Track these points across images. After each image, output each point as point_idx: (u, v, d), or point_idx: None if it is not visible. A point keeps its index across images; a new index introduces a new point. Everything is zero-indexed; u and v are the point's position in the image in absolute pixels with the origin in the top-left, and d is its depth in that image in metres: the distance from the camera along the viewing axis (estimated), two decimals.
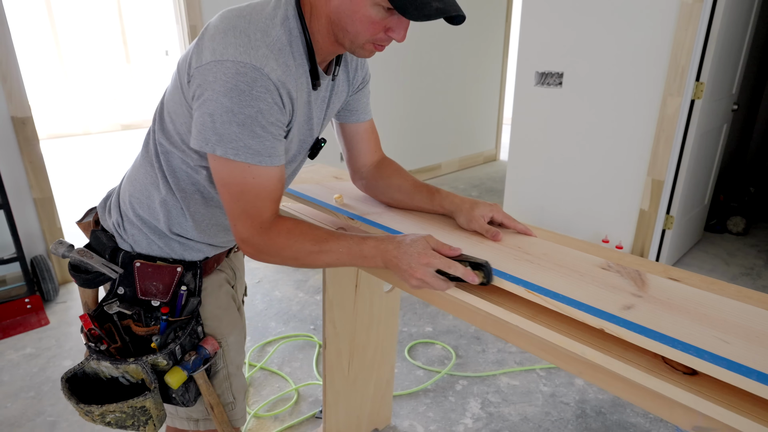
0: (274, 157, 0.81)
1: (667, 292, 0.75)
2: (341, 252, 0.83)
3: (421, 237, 0.81)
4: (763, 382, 0.56)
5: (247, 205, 0.82)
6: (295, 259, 0.85)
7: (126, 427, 0.91)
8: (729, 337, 0.64)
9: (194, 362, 0.93)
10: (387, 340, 1.63)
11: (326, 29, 0.85)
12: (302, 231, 0.84)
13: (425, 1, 0.75)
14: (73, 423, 1.80)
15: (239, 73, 0.75)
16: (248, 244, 0.84)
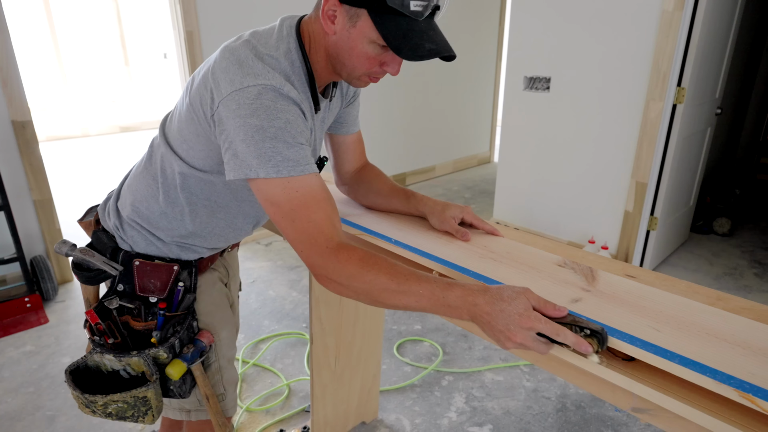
0: (310, 164, 0.82)
1: (613, 287, 0.82)
2: (422, 295, 0.74)
3: (520, 293, 0.70)
4: (686, 365, 0.63)
5: (303, 224, 0.79)
6: (368, 294, 0.78)
7: (126, 417, 0.98)
8: (661, 326, 0.71)
9: (192, 354, 1.00)
10: (373, 336, 1.70)
11: (324, 60, 0.91)
12: (377, 263, 0.77)
13: (419, 43, 0.80)
14: (72, 417, 1.87)
15: (261, 93, 0.79)
16: (318, 268, 0.80)
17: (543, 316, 0.69)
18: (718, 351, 0.65)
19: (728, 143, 4.44)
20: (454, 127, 5.16)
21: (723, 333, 0.69)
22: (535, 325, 0.67)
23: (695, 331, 0.70)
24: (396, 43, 0.80)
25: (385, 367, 2.18)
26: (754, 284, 2.91)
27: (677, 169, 2.83)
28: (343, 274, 0.78)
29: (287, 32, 0.89)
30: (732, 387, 0.59)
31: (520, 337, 0.68)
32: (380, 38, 0.81)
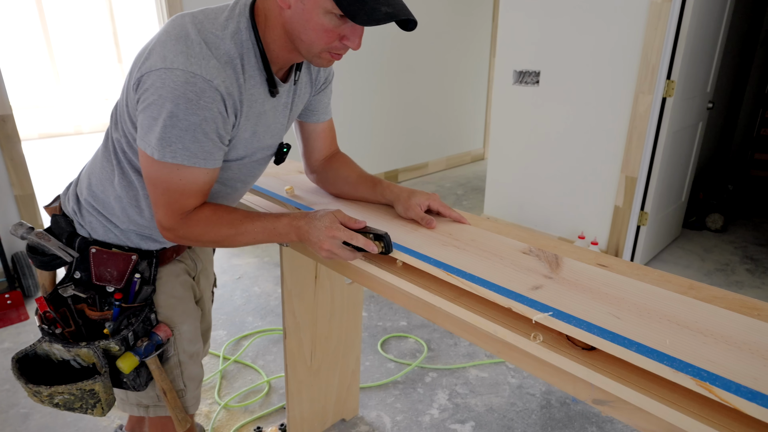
0: (209, 160, 0.86)
1: (577, 274, 0.78)
2: (257, 231, 0.89)
3: (329, 212, 0.88)
4: (643, 353, 0.60)
5: (169, 200, 0.87)
6: (215, 243, 0.92)
7: (74, 409, 0.94)
8: (622, 314, 0.67)
9: (146, 348, 0.96)
10: (351, 331, 1.67)
11: (282, 39, 0.87)
12: (219, 216, 0.90)
13: (374, 6, 0.77)
14: (46, 415, 1.83)
15: (188, 82, 0.78)
16: (168, 230, 0.90)
17: (346, 228, 0.86)
18: (679, 338, 0.62)
19: (722, 138, 4.40)
20: (447, 123, 5.13)
21: (686, 320, 0.66)
22: (337, 234, 0.84)
23: (657, 318, 0.66)
24: (351, 8, 0.77)
25: (368, 363, 2.14)
26: (745, 280, 2.87)
27: (668, 164, 2.79)
28: (192, 233, 0.90)
29: (240, 11, 0.85)
30: (689, 375, 0.56)
31: (327, 244, 0.85)
32: (335, 6, 0.78)
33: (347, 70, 4.01)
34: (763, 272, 2.96)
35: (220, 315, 2.50)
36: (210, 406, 1.89)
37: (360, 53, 4.03)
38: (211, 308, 1.35)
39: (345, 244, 0.86)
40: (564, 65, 2.87)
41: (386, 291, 0.94)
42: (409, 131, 4.73)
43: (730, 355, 0.59)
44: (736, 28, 3.79)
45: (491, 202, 3.53)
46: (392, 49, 4.29)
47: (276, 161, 1.06)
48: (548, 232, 3.21)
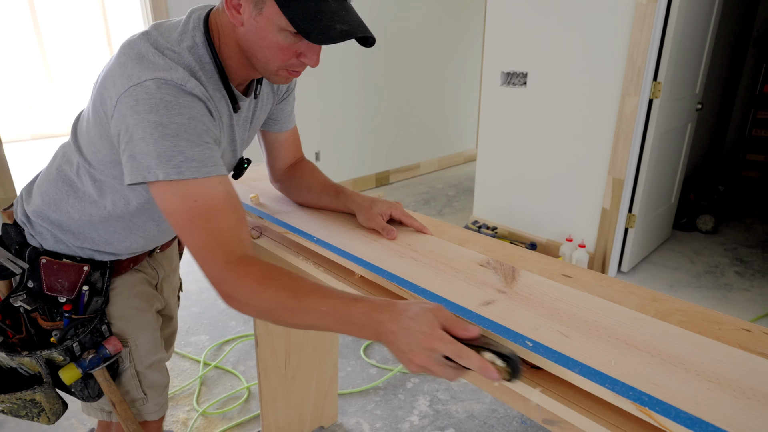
0: (217, 165, 0.76)
1: (531, 289, 0.76)
2: (325, 313, 0.67)
3: (427, 310, 0.63)
4: (586, 375, 0.58)
5: (202, 237, 0.73)
6: (269, 312, 0.71)
7: (20, 416, 0.93)
8: (570, 332, 0.65)
9: (91, 361, 0.94)
10: (327, 338, 1.65)
11: (237, 55, 0.83)
12: (278, 278, 0.71)
13: (329, 24, 0.74)
14: (20, 422, 1.81)
15: (161, 88, 0.72)
16: (217, 284, 0.73)
17: (450, 336, 0.61)
18: (625, 359, 0.60)
19: (714, 140, 4.38)
20: (440, 124, 5.11)
21: (635, 339, 0.64)
22: (439, 347, 0.60)
23: (606, 336, 0.64)
24: (305, 26, 0.73)
25: (350, 369, 2.12)
26: (734, 282, 2.86)
27: (656, 166, 2.77)
28: (241, 290, 0.71)
29: (194, 25, 0.82)
30: (630, 400, 0.54)
31: (421, 358, 0.61)
32: (289, 24, 0.75)
33: (338, 70, 3.98)
34: (752, 275, 2.94)
35: (203, 319, 2.48)
36: (188, 413, 1.87)
37: (352, 53, 4.01)
38: (177, 313, 1.33)
39: (446, 358, 0.62)
40: (551, 67, 2.85)
41: None
42: (400, 132, 4.71)
43: (674, 377, 0.56)
44: (726, 29, 3.77)
45: (480, 204, 3.51)
46: (384, 49, 4.27)
47: (234, 176, 1.03)
48: (537, 235, 3.19)
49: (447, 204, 4.23)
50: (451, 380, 0.63)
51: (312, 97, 3.88)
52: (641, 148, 2.66)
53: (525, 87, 3.00)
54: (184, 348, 2.25)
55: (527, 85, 2.98)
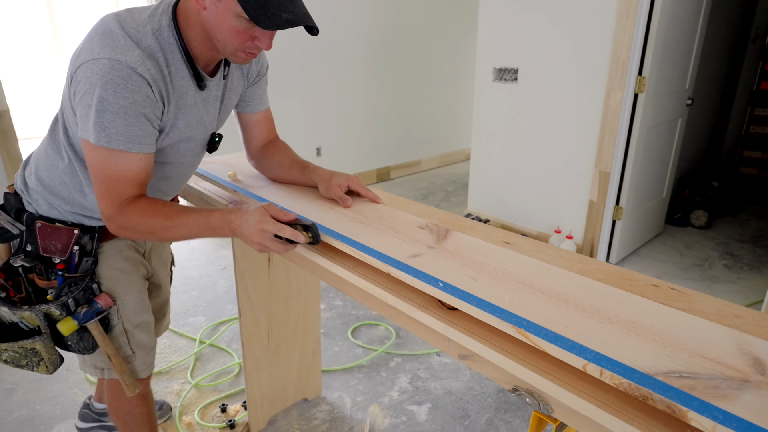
0: (143, 144, 0.92)
1: (457, 245, 0.86)
2: (191, 225, 0.93)
3: (260, 206, 0.91)
4: (481, 307, 0.67)
5: (108, 188, 0.93)
6: (152, 234, 0.96)
7: (21, 366, 1.05)
8: (479, 276, 0.75)
9: (85, 314, 1.06)
10: (309, 313, 1.75)
11: (202, 37, 0.96)
12: (156, 208, 0.95)
13: (275, 12, 0.86)
14: (28, 390, 1.95)
15: (114, 68, 0.86)
16: (109, 219, 0.96)
17: (275, 221, 0.88)
18: (519, 296, 0.69)
19: (712, 137, 4.40)
20: (441, 121, 5.19)
21: (533, 282, 0.73)
22: (266, 227, 0.87)
23: (509, 280, 0.74)
24: (255, 13, 0.85)
25: (337, 349, 2.23)
26: (721, 275, 2.90)
27: (642, 160, 2.83)
28: (129, 223, 0.95)
29: (162, 10, 0.94)
30: (511, 324, 0.63)
31: (257, 237, 0.88)
32: (243, 11, 0.86)
33: (340, 66, 4.10)
34: (740, 268, 2.98)
35: (201, 302, 2.61)
36: (182, 385, 1.99)
37: (353, 49, 4.13)
38: (168, 285, 1.45)
39: (277, 237, 0.89)
40: (540, 62, 2.93)
41: (304, 264, 1.03)
42: (401, 128, 4.81)
43: (555, 308, 0.66)
44: (724, 26, 3.80)
45: (474, 198, 3.59)
46: (386, 45, 4.38)
47: (209, 150, 1.14)
48: (528, 227, 3.26)
49: (445, 199, 4.32)
50: (282, 252, 0.91)
51: (313, 93, 4.00)
52: (627, 141, 2.72)
53: (516, 83, 3.08)
54: (182, 327, 2.38)
55: (518, 80, 3.07)
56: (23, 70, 7.28)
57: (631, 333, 0.60)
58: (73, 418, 1.79)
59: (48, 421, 1.79)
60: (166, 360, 2.14)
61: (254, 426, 1.72)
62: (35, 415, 1.82)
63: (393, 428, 1.77)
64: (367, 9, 4.14)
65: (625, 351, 0.56)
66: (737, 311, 0.74)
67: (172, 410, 1.84)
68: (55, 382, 1.99)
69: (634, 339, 0.59)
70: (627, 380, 0.53)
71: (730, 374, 0.53)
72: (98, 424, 1.68)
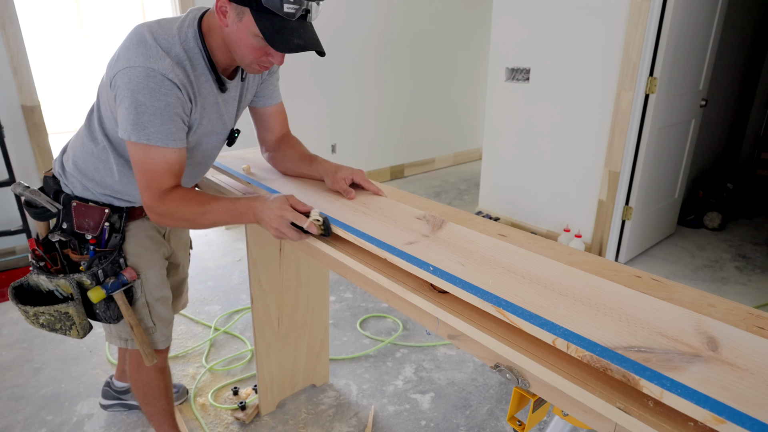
0: (177, 140, 1.03)
1: (451, 235, 0.92)
2: (221, 211, 1.03)
3: (281, 195, 0.99)
4: (465, 288, 0.74)
5: (149, 180, 1.03)
6: (187, 220, 1.05)
7: (56, 329, 1.17)
8: (467, 262, 0.81)
9: (113, 284, 1.17)
10: (318, 302, 1.83)
11: (223, 48, 1.07)
12: (191, 197, 1.05)
13: (288, 38, 0.97)
14: (55, 369, 2.07)
15: (149, 76, 0.97)
16: (150, 210, 1.06)
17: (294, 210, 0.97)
18: (501, 280, 0.75)
19: (730, 138, 4.36)
20: (455, 120, 5.23)
21: (516, 267, 0.79)
22: (285, 214, 0.96)
23: (495, 266, 0.80)
24: (270, 37, 0.96)
25: (345, 339, 2.30)
26: (731, 276, 2.89)
27: (654, 160, 2.84)
28: (168, 210, 1.04)
29: (189, 23, 1.05)
30: (491, 304, 0.69)
31: (275, 223, 0.96)
32: (260, 33, 0.97)
33: (356, 65, 4.18)
34: (752, 270, 2.97)
35: (217, 292, 2.72)
36: (197, 369, 2.09)
37: (369, 48, 4.20)
38: (186, 265, 1.55)
39: (293, 226, 0.97)
40: (552, 62, 2.95)
41: (311, 251, 1.10)
42: (416, 127, 4.87)
43: (534, 291, 0.72)
44: (742, 28, 3.76)
45: (486, 196, 3.63)
46: (401, 44, 4.44)
47: (228, 144, 1.25)
48: (537, 225, 3.29)
49: (457, 197, 4.36)
50: (296, 240, 0.98)
51: (330, 91, 4.08)
52: (638, 142, 2.74)
53: (528, 82, 3.11)
54: (198, 315, 2.49)
55: (530, 80, 3.10)
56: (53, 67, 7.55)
57: (599, 313, 0.66)
58: (96, 396, 1.90)
59: (72, 398, 1.90)
60: (182, 345, 2.25)
61: (264, 408, 1.80)
62: (61, 392, 1.94)
63: (397, 415, 1.83)
64: (382, 9, 4.20)
65: (591, 328, 0.62)
66: (713, 301, 0.78)
67: (188, 393, 1.94)
68: (80, 363, 2.11)
69: (602, 319, 0.64)
70: (589, 353, 0.58)
71: (683, 350, 0.58)
72: (118, 402, 1.79)
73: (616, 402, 0.57)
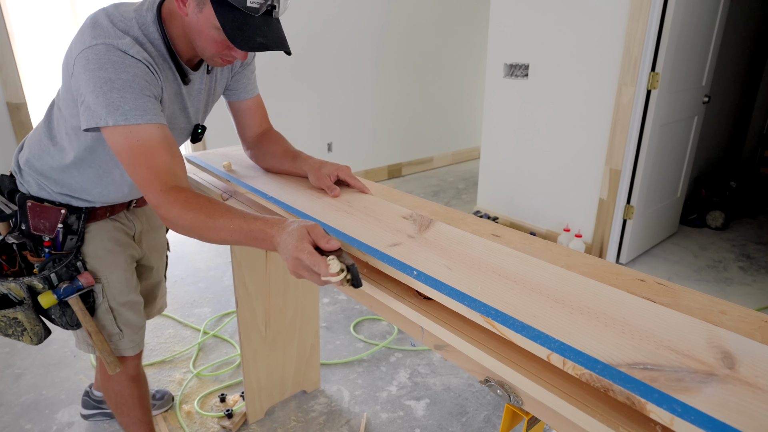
0: (157, 115, 0.90)
1: (438, 236, 0.85)
2: (233, 230, 0.83)
3: (302, 226, 0.77)
4: (451, 296, 0.67)
5: (142, 170, 0.88)
6: (192, 230, 0.86)
7: (9, 335, 1.12)
8: (455, 266, 0.74)
9: (65, 289, 1.10)
10: (307, 305, 1.76)
11: (184, 37, 0.99)
12: (199, 204, 0.86)
13: (250, 35, 0.89)
14: (37, 375, 2.00)
15: (109, 50, 0.88)
16: (157, 209, 0.88)
17: (313, 248, 0.74)
18: (491, 286, 0.68)
19: (733, 136, 4.28)
20: (454, 118, 5.16)
21: (507, 271, 0.72)
22: (302, 256, 0.73)
23: (484, 270, 0.73)
24: (231, 33, 0.88)
25: (338, 342, 2.23)
26: (735, 277, 2.82)
27: (656, 158, 2.77)
28: (171, 213, 0.87)
29: (148, 7, 0.97)
30: (479, 313, 0.62)
31: (291, 264, 0.75)
32: (221, 27, 0.89)
33: (351, 62, 4.11)
34: (757, 270, 2.90)
35: (207, 294, 2.65)
36: (184, 374, 2.02)
37: (365, 44, 4.12)
38: (161, 268, 1.47)
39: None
40: (551, 57, 2.88)
41: None
42: (413, 125, 4.80)
43: (527, 298, 0.65)
44: (747, 21, 3.69)
45: (484, 195, 3.56)
46: (398, 41, 4.37)
47: (192, 140, 1.18)
48: (537, 225, 3.22)
49: (455, 196, 4.29)
50: (318, 283, 0.75)
51: (325, 88, 4.01)
52: (639, 139, 2.67)
53: (526, 78, 3.04)
54: (187, 318, 2.42)
55: (529, 76, 3.02)
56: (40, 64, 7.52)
57: (600, 324, 0.59)
58: (77, 404, 1.83)
59: (53, 406, 1.83)
60: (170, 349, 2.18)
61: (252, 416, 1.73)
62: (41, 399, 1.87)
63: (390, 423, 1.76)
64: (379, 5, 4.13)
65: (591, 342, 0.55)
66: (723, 307, 0.71)
67: (174, 399, 1.87)
68: (63, 368, 2.04)
69: (602, 330, 0.57)
70: (589, 371, 0.51)
71: (696, 367, 0.51)
72: (99, 411, 1.72)
73: (620, 427, 0.50)
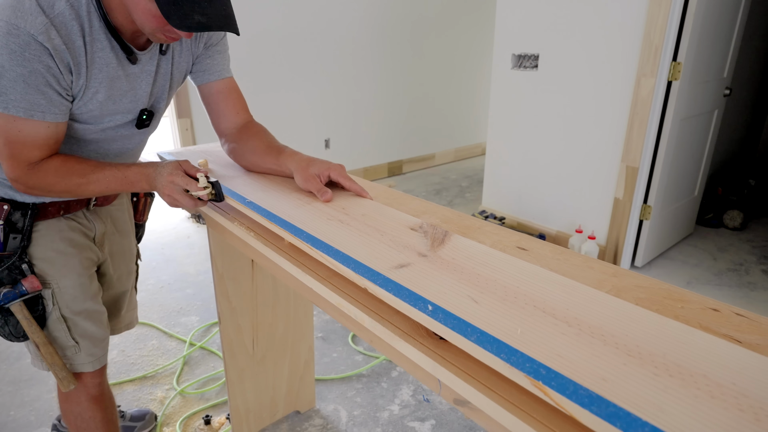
0: (48, 113, 0.85)
1: (456, 253, 0.67)
2: (108, 180, 0.92)
3: (175, 160, 0.92)
4: (482, 343, 0.49)
5: (13, 151, 0.87)
6: (68, 192, 0.93)
7: None
8: (483, 297, 0.56)
9: (5, 295, 0.96)
10: (300, 319, 1.58)
11: (124, 11, 0.86)
12: (69, 167, 0.91)
13: (188, 12, 0.77)
14: (5, 393, 1.83)
15: (11, 33, 0.77)
16: (15, 181, 0.91)
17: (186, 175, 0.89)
18: (536, 327, 0.50)
19: (749, 131, 4.10)
20: (456, 114, 4.97)
21: (555, 306, 0.54)
22: (176, 180, 0.88)
23: (522, 303, 0.55)
24: (166, 8, 0.77)
25: (335, 355, 2.06)
26: (759, 281, 2.64)
27: (674, 154, 2.59)
28: (43, 183, 0.91)
29: None
30: (524, 372, 0.44)
31: (168, 189, 0.89)
32: None
33: (351, 53, 3.92)
34: None
35: (196, 300, 2.47)
36: (167, 391, 1.85)
37: (364, 37, 3.93)
38: (127, 277, 1.30)
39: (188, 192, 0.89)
40: (563, 47, 2.69)
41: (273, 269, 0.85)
42: (415, 121, 4.61)
43: (587, 349, 0.47)
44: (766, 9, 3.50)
45: (489, 193, 3.38)
46: (398, 33, 4.17)
47: (137, 126, 1.03)
48: (546, 226, 3.04)
49: (459, 195, 4.11)
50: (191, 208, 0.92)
51: (322, 82, 3.82)
52: (658, 134, 2.48)
53: (536, 70, 2.85)
54: (173, 328, 2.24)
55: (539, 67, 2.84)
56: None
57: (703, 394, 0.41)
58: (47, 428, 1.66)
59: (21, 428, 1.66)
60: (152, 363, 2.00)
61: None
62: (8, 421, 1.69)
63: None
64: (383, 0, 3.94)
65: (698, 426, 0.37)
66: None
67: (156, 420, 1.69)
68: (34, 386, 1.86)
69: (709, 404, 0.40)
70: None
71: None
72: None
73: None
